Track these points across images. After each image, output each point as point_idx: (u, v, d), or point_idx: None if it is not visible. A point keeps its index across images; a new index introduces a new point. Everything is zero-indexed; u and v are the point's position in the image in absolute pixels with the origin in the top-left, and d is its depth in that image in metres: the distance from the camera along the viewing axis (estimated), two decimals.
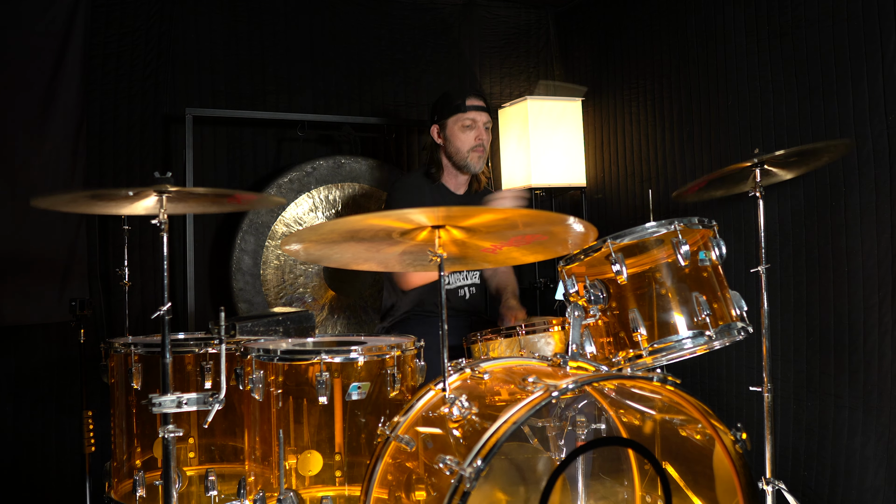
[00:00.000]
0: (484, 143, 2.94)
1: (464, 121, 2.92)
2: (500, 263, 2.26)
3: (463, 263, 2.10)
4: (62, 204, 1.94)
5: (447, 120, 2.94)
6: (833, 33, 2.75)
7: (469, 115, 2.92)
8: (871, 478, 2.67)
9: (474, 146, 2.92)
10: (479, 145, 2.93)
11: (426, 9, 4.03)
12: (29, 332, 3.20)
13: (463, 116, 2.91)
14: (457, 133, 2.93)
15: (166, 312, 1.83)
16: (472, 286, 3.06)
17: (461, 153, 2.94)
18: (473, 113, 2.92)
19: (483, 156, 2.95)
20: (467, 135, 2.92)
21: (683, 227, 2.06)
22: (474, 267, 2.92)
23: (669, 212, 3.49)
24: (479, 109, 2.93)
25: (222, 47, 3.61)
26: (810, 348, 2.87)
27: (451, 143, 2.94)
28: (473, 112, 2.92)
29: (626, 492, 2.09)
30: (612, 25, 3.88)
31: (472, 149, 2.93)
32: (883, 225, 2.63)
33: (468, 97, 2.93)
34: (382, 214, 1.71)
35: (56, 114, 3.19)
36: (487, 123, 2.96)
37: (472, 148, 2.93)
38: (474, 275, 3.08)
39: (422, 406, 1.91)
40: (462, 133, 2.92)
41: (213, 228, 3.60)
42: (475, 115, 2.92)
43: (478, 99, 2.95)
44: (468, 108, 2.91)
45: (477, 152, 2.93)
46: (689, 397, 1.83)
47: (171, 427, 1.82)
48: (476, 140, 2.92)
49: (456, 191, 3.03)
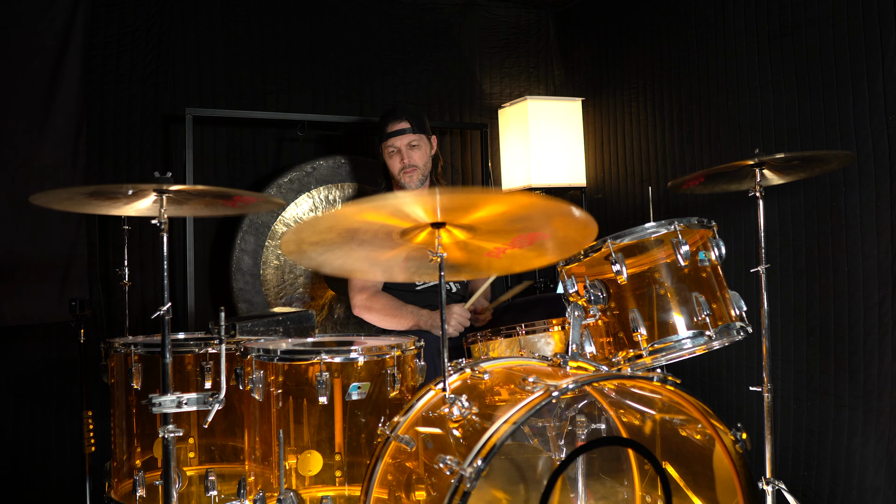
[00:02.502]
0: (413, 163, 3.02)
1: (389, 148, 3.04)
2: (506, 270, 2.26)
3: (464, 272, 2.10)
4: (61, 201, 1.94)
5: (380, 146, 3.09)
6: (833, 33, 2.75)
7: (390, 143, 3.03)
8: (871, 478, 2.67)
9: (402, 168, 3.02)
10: (405, 167, 3.02)
11: (426, 9, 4.03)
12: (29, 332, 3.20)
13: (386, 144, 3.04)
14: (387, 159, 3.07)
15: (166, 312, 1.83)
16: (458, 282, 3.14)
17: (395, 176, 3.06)
18: (393, 139, 3.02)
19: (415, 173, 3.03)
20: (394, 160, 3.04)
21: (683, 227, 2.07)
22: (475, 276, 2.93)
23: (669, 212, 3.49)
24: (398, 134, 3.01)
25: (222, 47, 3.61)
26: (810, 348, 2.87)
27: (388, 166, 3.09)
28: (393, 139, 3.02)
29: (626, 492, 2.09)
30: (612, 25, 3.88)
31: (402, 171, 3.03)
32: (883, 225, 2.63)
33: (388, 123, 3.03)
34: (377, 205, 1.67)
35: (56, 114, 3.19)
36: (413, 142, 3.02)
37: (401, 170, 3.02)
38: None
39: (422, 406, 1.91)
40: (390, 159, 3.06)
41: (213, 228, 3.60)
42: (395, 142, 3.02)
43: (400, 121, 3.02)
44: (387, 136, 3.03)
45: (407, 173, 3.03)
46: (689, 397, 1.83)
47: (171, 427, 1.82)
48: (401, 163, 3.02)
49: None
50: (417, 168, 3.02)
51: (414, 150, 3.03)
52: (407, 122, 3.03)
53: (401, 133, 3.02)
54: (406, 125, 3.02)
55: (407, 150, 3.02)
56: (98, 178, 3.31)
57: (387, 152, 3.05)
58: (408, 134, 3.02)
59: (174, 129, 3.50)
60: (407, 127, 3.02)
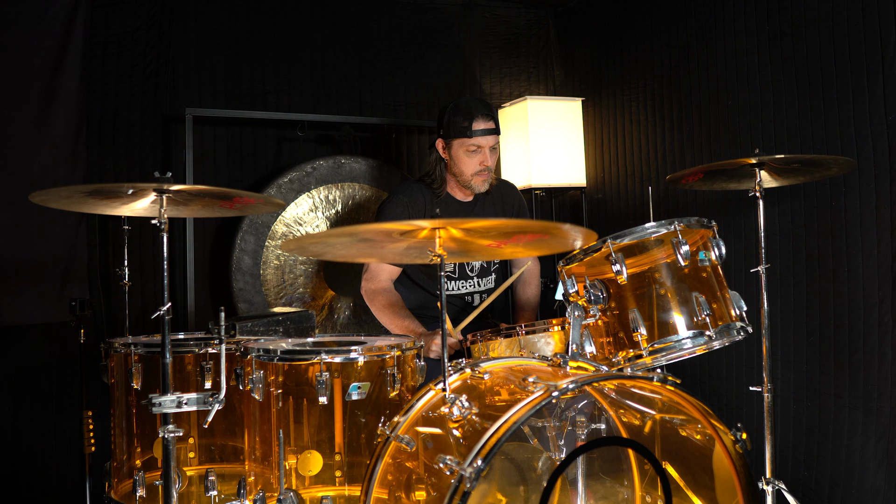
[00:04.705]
0: (489, 167, 2.83)
1: (469, 146, 2.79)
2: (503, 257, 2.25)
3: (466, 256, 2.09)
4: (60, 200, 1.94)
5: (453, 140, 2.82)
6: (833, 33, 2.75)
7: (475, 141, 2.79)
8: (871, 478, 2.67)
9: (478, 171, 2.82)
10: (483, 170, 2.82)
11: (426, 9, 4.03)
12: (29, 332, 3.20)
13: (468, 142, 2.79)
14: (461, 156, 2.81)
15: (166, 312, 1.83)
16: (485, 293, 2.99)
17: (465, 176, 2.84)
18: (479, 138, 2.78)
19: (488, 178, 2.85)
20: (472, 159, 2.81)
21: (683, 227, 2.07)
22: (477, 258, 2.89)
23: (669, 212, 3.49)
24: (486, 133, 2.79)
25: (222, 47, 3.61)
26: (810, 348, 2.87)
27: (456, 164, 2.84)
28: (480, 137, 2.78)
29: (626, 492, 2.09)
30: (612, 25, 3.88)
31: (477, 173, 2.82)
32: (883, 225, 2.63)
33: (476, 119, 2.78)
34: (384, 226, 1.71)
35: (56, 114, 3.19)
36: (495, 146, 2.84)
37: (476, 173, 2.82)
38: (489, 281, 3.01)
39: (422, 406, 1.91)
40: (467, 157, 2.81)
41: (213, 228, 3.60)
42: (481, 141, 2.79)
43: (486, 121, 2.79)
44: (474, 134, 2.78)
45: (481, 176, 2.83)
46: (689, 397, 1.83)
47: (171, 427, 1.82)
48: (481, 165, 2.81)
49: (464, 199, 2.96)
50: (492, 172, 2.85)
51: (494, 154, 2.84)
52: (493, 122, 2.81)
53: (489, 133, 2.79)
54: (493, 125, 2.80)
55: (490, 153, 2.81)
56: (98, 178, 3.31)
57: (464, 149, 2.79)
58: (494, 135, 2.81)
59: (174, 129, 3.50)
60: (493, 127, 2.81)
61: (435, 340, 2.63)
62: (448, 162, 2.87)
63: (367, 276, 2.91)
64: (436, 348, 2.62)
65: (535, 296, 3.14)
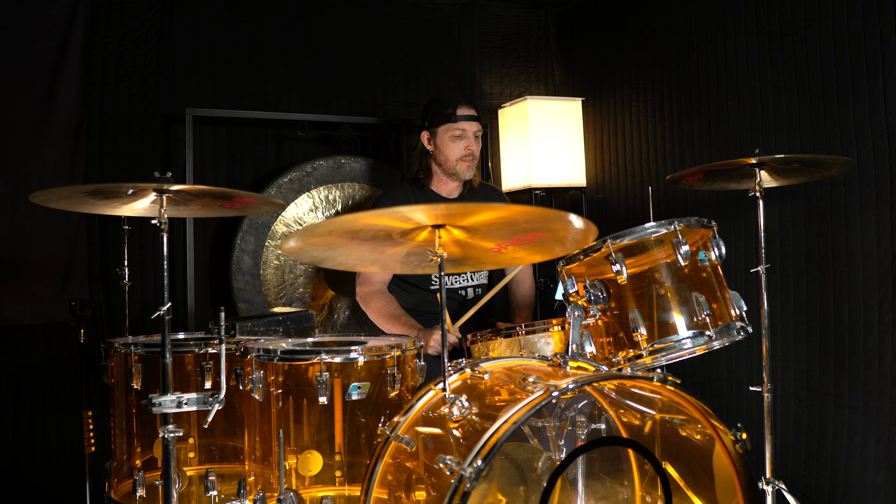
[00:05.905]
0: (474, 153, 2.94)
1: (454, 131, 2.91)
2: (505, 264, 2.26)
3: (467, 265, 2.10)
4: (60, 200, 1.94)
5: (438, 128, 2.93)
6: (833, 33, 2.75)
7: (459, 126, 2.90)
8: (871, 478, 2.67)
9: (463, 156, 2.92)
10: (468, 155, 2.93)
11: (426, 9, 4.03)
12: (29, 332, 3.20)
13: (453, 126, 2.90)
14: (447, 142, 2.92)
15: (166, 312, 1.83)
16: (477, 287, 3.06)
17: (450, 162, 2.94)
18: (464, 123, 2.90)
19: (472, 164, 2.96)
20: (457, 145, 2.92)
21: (683, 227, 2.07)
22: (478, 268, 2.93)
23: (669, 212, 3.49)
24: (469, 119, 2.91)
25: (222, 47, 3.61)
26: (810, 348, 2.87)
27: (441, 151, 2.94)
28: (464, 122, 2.90)
29: (626, 492, 2.09)
30: (612, 25, 3.88)
31: (461, 158, 2.93)
32: (883, 225, 2.63)
33: (459, 106, 2.91)
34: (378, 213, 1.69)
35: (56, 114, 3.19)
36: (478, 132, 2.96)
37: (460, 158, 2.93)
38: (481, 275, 3.07)
39: (422, 406, 1.91)
40: (452, 143, 2.92)
41: (213, 228, 3.60)
42: (465, 126, 2.91)
43: (469, 108, 2.93)
44: (458, 119, 2.90)
45: (466, 161, 2.93)
46: (689, 397, 1.83)
47: (171, 427, 1.82)
48: (465, 150, 2.92)
49: (449, 195, 3.04)
50: (476, 158, 2.96)
51: (478, 142, 2.97)
52: (475, 110, 2.95)
53: (472, 119, 2.92)
54: (475, 113, 2.94)
55: (475, 140, 2.94)
56: (98, 178, 3.31)
57: (449, 135, 2.91)
58: (476, 122, 2.94)
59: (174, 128, 3.50)
60: (475, 115, 2.94)
61: (433, 336, 2.65)
62: (433, 151, 2.98)
63: (360, 281, 2.99)
64: (434, 344, 2.65)
65: (530, 294, 3.19)
